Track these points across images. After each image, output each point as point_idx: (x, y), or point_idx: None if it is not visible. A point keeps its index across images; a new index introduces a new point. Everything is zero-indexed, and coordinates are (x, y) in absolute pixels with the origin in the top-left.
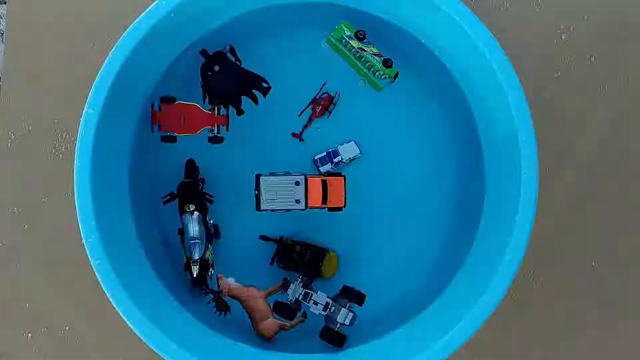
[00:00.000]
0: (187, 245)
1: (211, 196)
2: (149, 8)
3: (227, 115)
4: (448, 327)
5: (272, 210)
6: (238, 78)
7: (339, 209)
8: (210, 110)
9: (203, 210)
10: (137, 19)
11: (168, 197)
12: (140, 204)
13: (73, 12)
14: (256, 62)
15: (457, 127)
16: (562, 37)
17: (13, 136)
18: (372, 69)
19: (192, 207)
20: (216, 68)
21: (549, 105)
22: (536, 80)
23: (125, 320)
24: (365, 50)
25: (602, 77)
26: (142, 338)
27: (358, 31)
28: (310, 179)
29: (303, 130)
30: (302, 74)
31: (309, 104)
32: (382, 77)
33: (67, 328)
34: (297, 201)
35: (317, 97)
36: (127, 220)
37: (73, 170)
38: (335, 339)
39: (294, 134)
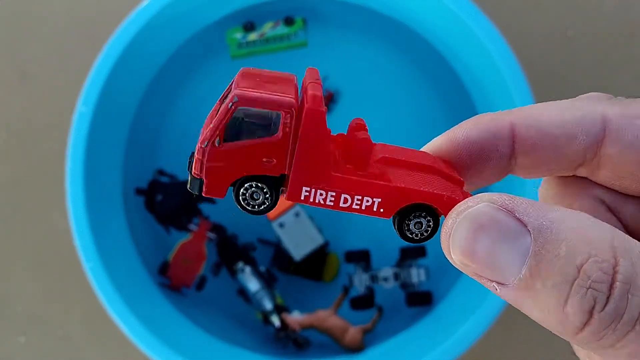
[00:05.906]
0: (255, 301)
1: (252, 243)
2: (142, 5)
3: (204, 220)
4: (450, 332)
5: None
6: (182, 193)
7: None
8: (190, 233)
9: (251, 261)
10: (130, 16)
11: (216, 268)
12: (134, 205)
13: (67, 9)
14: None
15: None
16: (568, 33)
17: (6, 135)
18: (283, 38)
19: (241, 264)
20: (159, 198)
21: None
22: (540, 78)
23: (119, 324)
24: (265, 32)
25: (605, 76)
26: (135, 342)
27: (244, 25)
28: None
29: None
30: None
31: None
32: (295, 34)
33: (61, 331)
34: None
35: None
36: (121, 222)
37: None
38: (423, 298)
39: None
